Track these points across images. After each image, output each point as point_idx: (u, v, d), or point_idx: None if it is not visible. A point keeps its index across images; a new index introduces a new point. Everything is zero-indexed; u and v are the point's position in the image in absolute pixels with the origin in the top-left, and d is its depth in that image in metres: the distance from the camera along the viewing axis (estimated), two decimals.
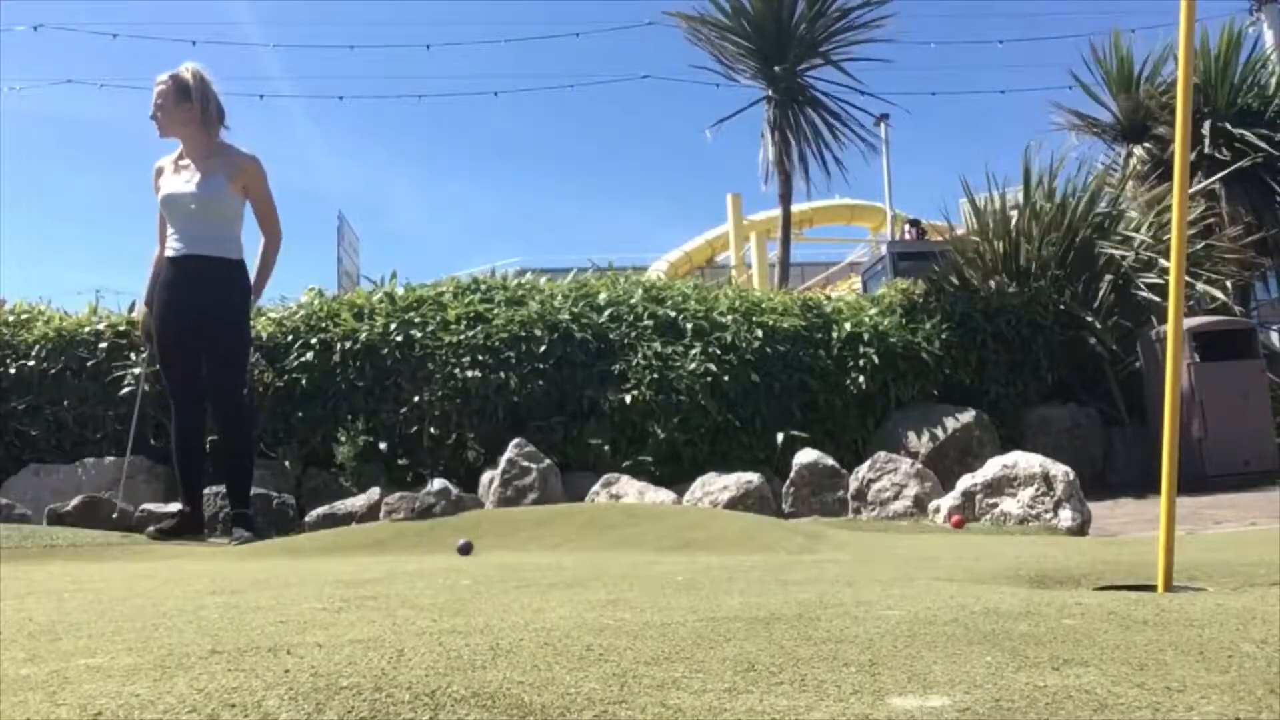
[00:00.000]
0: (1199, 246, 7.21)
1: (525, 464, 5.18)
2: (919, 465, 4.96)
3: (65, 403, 5.74)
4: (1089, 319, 6.62)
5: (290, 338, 5.90)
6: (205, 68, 4.16)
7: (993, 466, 4.34)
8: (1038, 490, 4.15)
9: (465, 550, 2.75)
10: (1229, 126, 8.55)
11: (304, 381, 5.71)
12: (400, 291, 6.20)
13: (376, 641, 1.10)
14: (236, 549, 3.59)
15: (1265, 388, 6.14)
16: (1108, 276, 6.87)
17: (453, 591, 1.68)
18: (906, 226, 13.40)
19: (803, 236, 19.02)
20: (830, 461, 5.04)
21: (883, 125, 17.20)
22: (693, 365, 5.65)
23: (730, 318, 6.02)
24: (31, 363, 5.80)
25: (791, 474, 4.99)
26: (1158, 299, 6.63)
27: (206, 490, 5.01)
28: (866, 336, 6.09)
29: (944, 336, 6.23)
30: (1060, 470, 4.19)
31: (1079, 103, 9.56)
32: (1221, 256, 7.46)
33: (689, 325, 5.95)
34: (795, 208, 10.83)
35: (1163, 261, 6.69)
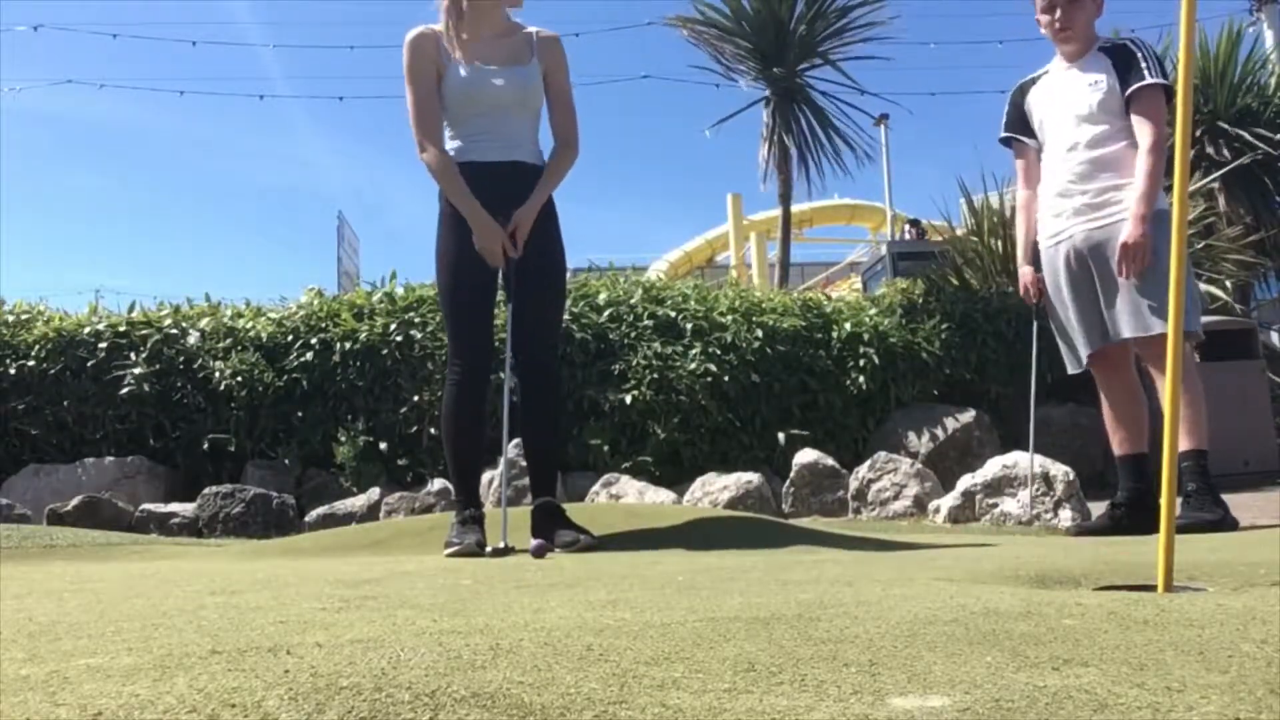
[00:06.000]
0: (1199, 246, 7.21)
1: (525, 464, 5.17)
2: (919, 465, 4.96)
3: (65, 403, 5.75)
4: None
5: (290, 338, 5.90)
6: None
7: (993, 466, 4.35)
8: (1038, 490, 4.16)
9: (539, 552, 2.53)
10: (1228, 126, 8.55)
11: (304, 381, 5.72)
12: (400, 291, 6.21)
13: (376, 641, 1.10)
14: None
15: (1265, 388, 6.14)
16: None
17: (453, 591, 1.69)
18: (906, 226, 13.42)
19: (803, 236, 19.03)
20: (830, 461, 5.04)
21: (883, 125, 17.25)
22: (693, 365, 5.65)
23: (730, 318, 6.02)
24: (31, 363, 5.80)
25: (791, 474, 4.99)
26: None
27: (206, 490, 5.01)
28: (866, 336, 6.09)
29: (944, 336, 6.23)
30: (1060, 470, 4.19)
31: None
32: (1221, 256, 7.46)
33: (689, 325, 5.95)
34: (795, 208, 10.82)
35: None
